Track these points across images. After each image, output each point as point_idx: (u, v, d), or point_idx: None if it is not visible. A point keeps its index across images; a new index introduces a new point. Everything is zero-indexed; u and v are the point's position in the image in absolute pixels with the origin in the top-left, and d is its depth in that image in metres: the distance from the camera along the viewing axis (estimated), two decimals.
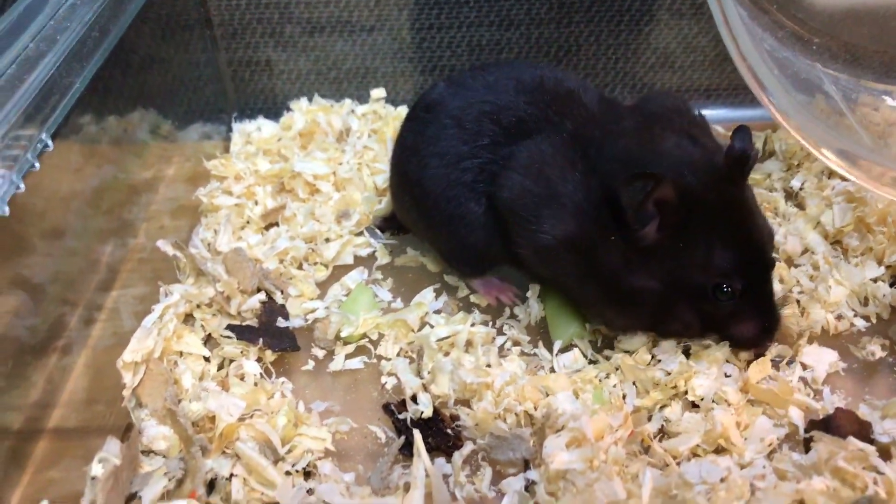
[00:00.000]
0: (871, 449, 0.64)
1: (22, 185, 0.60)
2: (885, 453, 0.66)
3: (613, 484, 0.61)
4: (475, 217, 0.79)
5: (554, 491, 0.64)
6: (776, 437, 0.69)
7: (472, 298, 0.87)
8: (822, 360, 0.77)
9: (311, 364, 0.81)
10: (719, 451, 0.69)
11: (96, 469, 0.62)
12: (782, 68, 0.81)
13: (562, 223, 0.72)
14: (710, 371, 0.73)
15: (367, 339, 0.83)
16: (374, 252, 0.95)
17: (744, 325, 0.72)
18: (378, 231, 0.97)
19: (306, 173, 0.98)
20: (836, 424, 0.69)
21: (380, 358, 0.81)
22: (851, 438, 0.65)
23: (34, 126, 0.63)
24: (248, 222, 0.97)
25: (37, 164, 0.62)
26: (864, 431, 0.69)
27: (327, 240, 0.94)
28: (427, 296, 0.87)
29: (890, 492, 0.61)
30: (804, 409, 0.72)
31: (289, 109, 1.11)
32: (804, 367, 0.77)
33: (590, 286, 0.74)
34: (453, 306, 0.87)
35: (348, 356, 0.81)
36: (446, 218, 0.80)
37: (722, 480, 0.61)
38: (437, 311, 0.85)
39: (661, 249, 0.69)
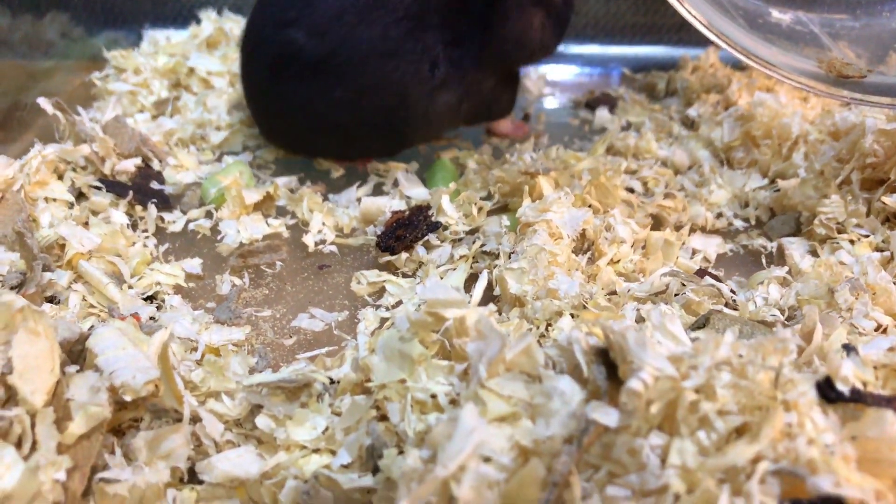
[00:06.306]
0: (724, 287, 0.63)
1: None
2: None
3: None
4: None
5: None
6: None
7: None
8: (709, 244, 0.77)
9: (179, 225, 0.79)
10: None
11: None
12: None
13: None
14: None
15: None
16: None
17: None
18: None
19: (200, 69, 0.97)
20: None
21: None
22: (707, 277, 0.65)
23: None
24: (140, 110, 0.95)
25: None
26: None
27: (218, 128, 0.92)
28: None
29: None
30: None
31: (199, 22, 1.11)
32: (694, 251, 0.76)
33: None
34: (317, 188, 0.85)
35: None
36: None
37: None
38: None
39: None
